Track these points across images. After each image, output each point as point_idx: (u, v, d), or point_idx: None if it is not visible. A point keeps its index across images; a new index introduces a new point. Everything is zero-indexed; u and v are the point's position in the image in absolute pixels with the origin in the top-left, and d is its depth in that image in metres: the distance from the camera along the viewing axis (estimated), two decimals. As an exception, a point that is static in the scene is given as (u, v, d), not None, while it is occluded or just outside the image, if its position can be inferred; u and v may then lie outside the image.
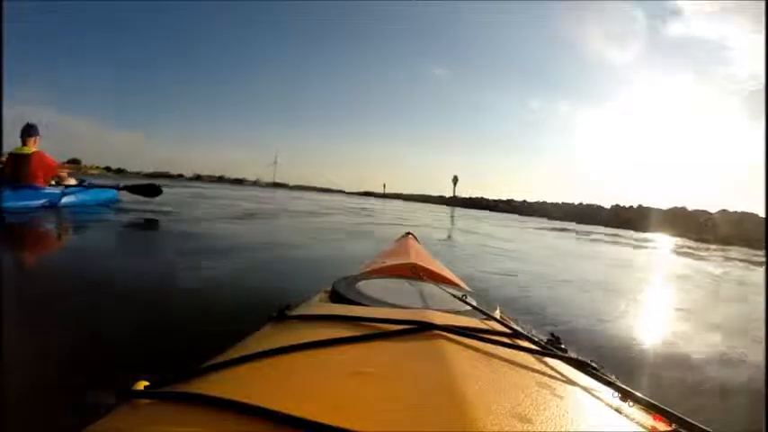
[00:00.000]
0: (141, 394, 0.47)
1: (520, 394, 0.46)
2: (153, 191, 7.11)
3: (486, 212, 31.35)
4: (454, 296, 1.02)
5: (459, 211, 30.83)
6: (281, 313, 0.75)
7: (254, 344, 0.62)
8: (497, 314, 0.93)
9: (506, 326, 0.78)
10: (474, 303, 0.95)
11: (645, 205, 31.72)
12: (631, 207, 33.20)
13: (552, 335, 0.80)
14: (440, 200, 64.81)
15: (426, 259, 1.70)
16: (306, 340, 0.56)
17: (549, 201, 43.05)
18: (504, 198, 49.40)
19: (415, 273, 1.32)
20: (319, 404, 0.40)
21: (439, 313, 0.76)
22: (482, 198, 55.36)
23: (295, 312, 0.77)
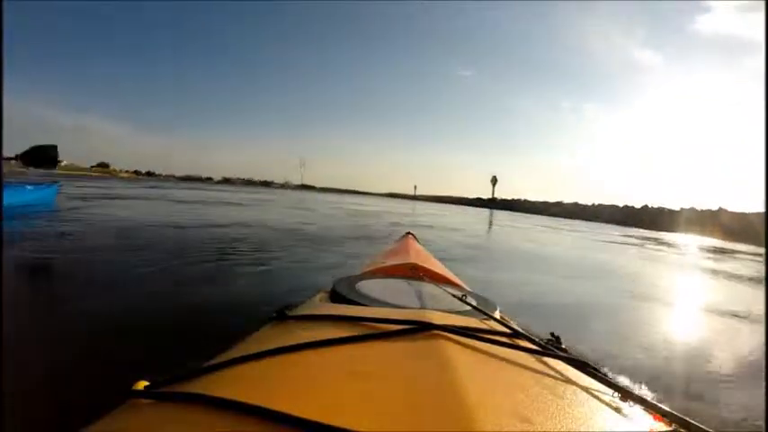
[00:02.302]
0: (141, 394, 0.47)
1: (520, 394, 0.46)
2: (45, 157, 5.17)
3: (537, 217, 28.16)
4: (454, 296, 1.01)
5: (504, 215, 27.72)
6: (281, 313, 0.74)
7: (254, 344, 0.61)
8: (497, 314, 0.92)
9: (506, 326, 0.77)
10: (474, 303, 0.94)
11: (727, 208, 27.73)
12: (708, 210, 29.27)
13: (552, 335, 0.79)
14: (477, 202, 61.71)
15: (426, 259, 1.67)
16: (306, 340, 0.56)
17: (605, 203, 39.39)
18: (552, 201, 45.84)
19: (415, 273, 1.30)
20: (319, 404, 0.40)
21: (439, 313, 0.74)
22: (525, 200, 51.90)
23: (295, 312, 0.76)
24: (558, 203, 43.88)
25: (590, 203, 41.40)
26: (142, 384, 0.50)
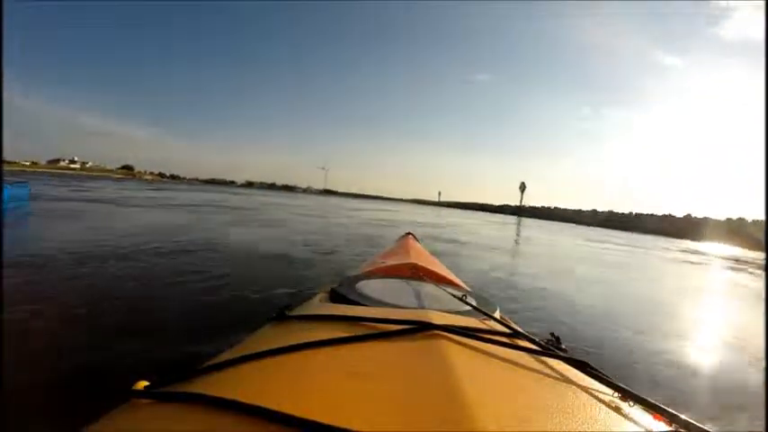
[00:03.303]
0: (141, 394, 0.47)
1: (520, 394, 0.46)
2: None
3: (576, 227, 26.07)
4: (454, 296, 1.00)
5: (540, 225, 25.65)
6: (281, 313, 0.74)
7: (253, 344, 0.61)
8: (497, 314, 0.91)
9: (506, 326, 0.76)
10: (474, 303, 0.93)
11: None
12: (759, 221, 26.82)
13: (552, 335, 0.78)
14: (505, 209, 59.66)
15: (426, 259, 1.64)
16: (306, 340, 0.55)
17: (642, 212, 36.87)
18: (585, 209, 43.30)
19: (415, 273, 1.29)
20: (319, 404, 0.40)
21: (439, 313, 0.74)
22: (556, 208, 49.42)
23: (295, 312, 0.75)
24: (593, 212, 41.22)
25: (627, 212, 38.59)
26: (142, 384, 0.49)
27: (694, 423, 0.46)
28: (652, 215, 35.40)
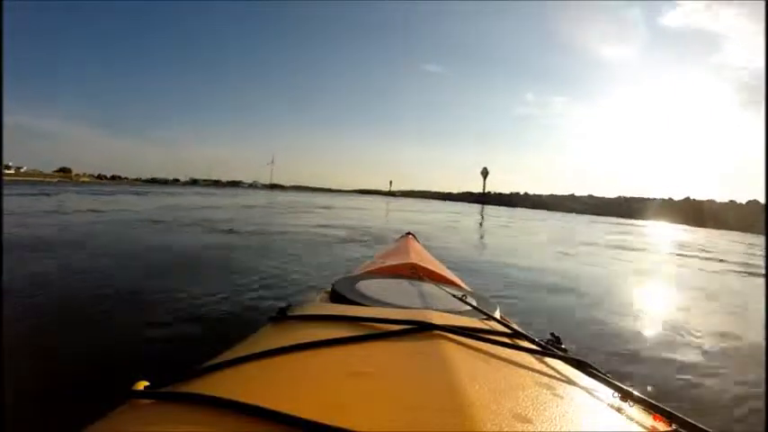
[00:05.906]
0: (141, 394, 0.47)
1: (520, 394, 0.46)
2: None
3: (570, 216, 25.70)
4: (454, 296, 0.99)
5: (518, 214, 24.84)
6: (281, 313, 0.73)
7: (254, 344, 0.61)
8: (497, 314, 0.90)
9: (506, 326, 0.76)
10: (474, 303, 0.92)
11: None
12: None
13: (552, 335, 0.78)
14: (467, 197, 59.76)
15: (426, 259, 1.64)
16: (306, 340, 0.55)
17: (634, 196, 37.48)
18: (560, 194, 43.83)
19: (415, 273, 1.28)
20: (319, 404, 0.40)
21: (439, 313, 0.74)
22: (525, 194, 50.06)
23: (295, 312, 0.75)
24: (572, 197, 41.78)
25: (613, 196, 39.04)
26: (142, 384, 0.49)
27: (695, 423, 0.45)
28: (648, 199, 35.89)
